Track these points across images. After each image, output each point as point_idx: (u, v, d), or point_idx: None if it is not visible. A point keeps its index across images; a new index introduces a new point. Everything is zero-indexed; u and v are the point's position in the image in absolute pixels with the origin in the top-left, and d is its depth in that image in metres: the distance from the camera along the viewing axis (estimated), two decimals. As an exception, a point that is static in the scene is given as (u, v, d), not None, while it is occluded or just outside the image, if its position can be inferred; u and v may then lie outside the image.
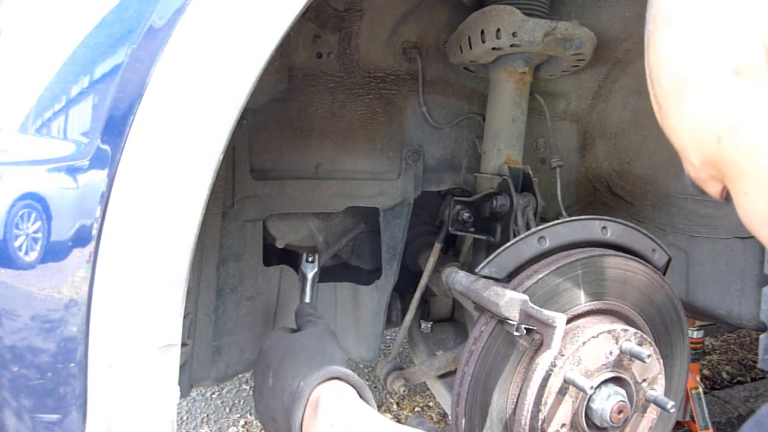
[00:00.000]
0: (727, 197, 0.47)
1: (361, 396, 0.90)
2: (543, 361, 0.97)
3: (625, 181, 1.82)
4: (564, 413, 0.97)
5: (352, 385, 0.91)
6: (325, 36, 1.41)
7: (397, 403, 3.16)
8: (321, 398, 0.86)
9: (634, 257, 1.11)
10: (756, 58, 0.37)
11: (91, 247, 0.65)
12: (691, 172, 0.49)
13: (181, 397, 1.42)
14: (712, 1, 0.40)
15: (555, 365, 0.96)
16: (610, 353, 0.98)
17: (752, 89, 0.38)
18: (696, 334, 2.71)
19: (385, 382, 1.62)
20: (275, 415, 0.93)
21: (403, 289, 1.77)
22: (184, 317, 1.03)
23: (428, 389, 2.95)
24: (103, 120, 0.67)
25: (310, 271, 1.31)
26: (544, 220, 1.42)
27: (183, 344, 1.32)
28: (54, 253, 0.66)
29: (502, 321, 0.98)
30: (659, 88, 0.47)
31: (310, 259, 1.32)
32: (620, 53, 1.55)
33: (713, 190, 0.48)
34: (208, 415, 3.03)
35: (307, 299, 1.30)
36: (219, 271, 1.40)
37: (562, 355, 0.96)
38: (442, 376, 1.62)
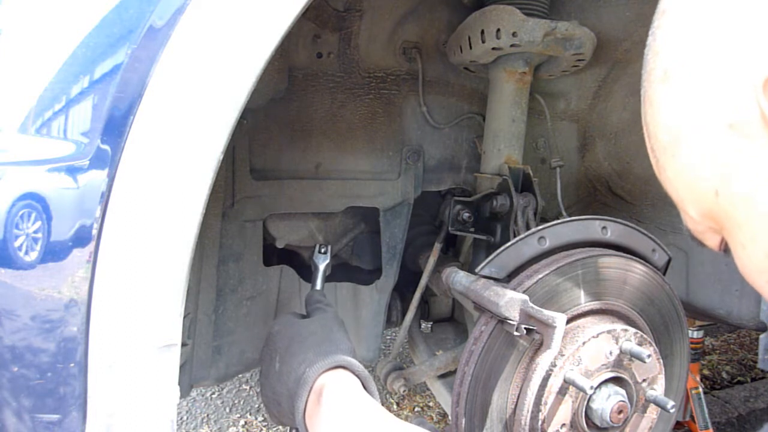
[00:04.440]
0: (725, 249, 0.47)
1: (365, 387, 0.90)
2: (543, 361, 0.97)
3: (625, 181, 1.82)
4: (564, 413, 0.97)
5: (357, 376, 0.91)
6: (325, 36, 1.41)
7: (397, 403, 3.16)
8: (325, 386, 0.86)
9: (634, 257, 1.11)
10: (749, 114, 0.39)
11: (91, 247, 0.65)
12: (690, 225, 0.50)
13: (181, 397, 1.42)
14: (706, 60, 0.41)
15: (555, 365, 0.96)
16: (610, 353, 0.98)
17: (746, 143, 0.39)
18: (696, 334, 2.71)
19: (385, 382, 1.62)
20: (280, 400, 0.94)
21: (403, 289, 1.77)
22: (184, 317, 1.03)
23: (428, 389, 2.95)
24: (103, 120, 0.67)
25: (322, 262, 1.32)
26: (544, 220, 1.43)
27: (183, 344, 1.32)
28: (54, 253, 0.66)
29: (502, 321, 0.98)
30: (656, 143, 0.48)
31: (322, 250, 1.33)
32: (620, 53, 1.55)
33: (712, 242, 0.49)
34: (208, 415, 3.03)
35: (318, 287, 1.30)
36: (219, 271, 1.40)
37: (562, 355, 0.96)
38: (442, 376, 1.62)
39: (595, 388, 0.96)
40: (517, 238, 1.08)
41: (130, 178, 0.67)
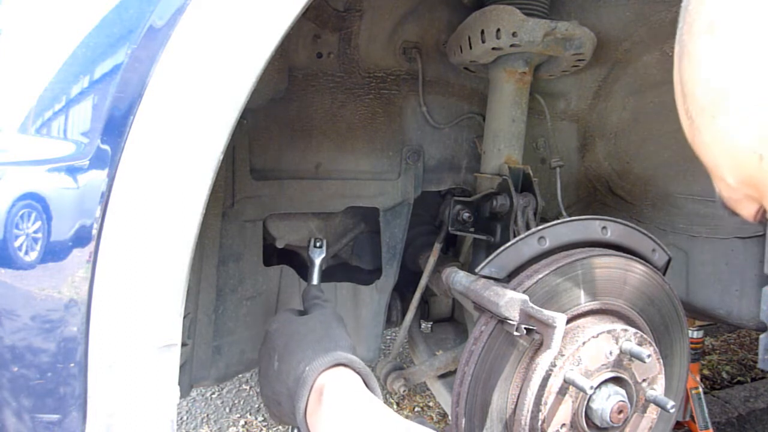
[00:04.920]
0: (762, 219, 0.45)
1: (366, 384, 0.89)
2: (543, 361, 0.97)
3: (625, 181, 1.82)
4: (564, 413, 0.97)
5: (357, 373, 0.90)
6: (325, 36, 1.41)
7: (397, 403, 3.16)
8: (326, 385, 0.85)
9: (634, 257, 1.11)
10: None
11: (91, 247, 0.65)
12: (724, 192, 0.46)
13: (181, 397, 1.42)
14: (761, 9, 0.37)
15: (555, 365, 0.96)
16: (610, 353, 0.98)
17: None
18: (696, 334, 2.71)
19: (385, 382, 1.62)
20: (280, 399, 0.93)
21: (403, 289, 1.77)
22: (184, 317, 1.03)
23: (428, 389, 2.95)
24: (103, 120, 0.67)
25: (318, 256, 1.32)
26: (544, 220, 1.43)
27: (183, 344, 1.31)
28: (54, 253, 0.66)
29: (502, 321, 0.98)
30: (693, 102, 0.44)
31: (317, 244, 1.33)
32: (620, 53, 1.55)
33: (747, 211, 0.46)
34: (208, 415, 3.03)
35: (315, 282, 1.30)
36: (219, 271, 1.40)
37: (562, 355, 0.96)
38: (442, 376, 1.62)
39: (595, 388, 0.96)
40: (517, 238, 1.08)
41: (130, 178, 0.67)
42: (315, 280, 1.31)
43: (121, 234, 0.66)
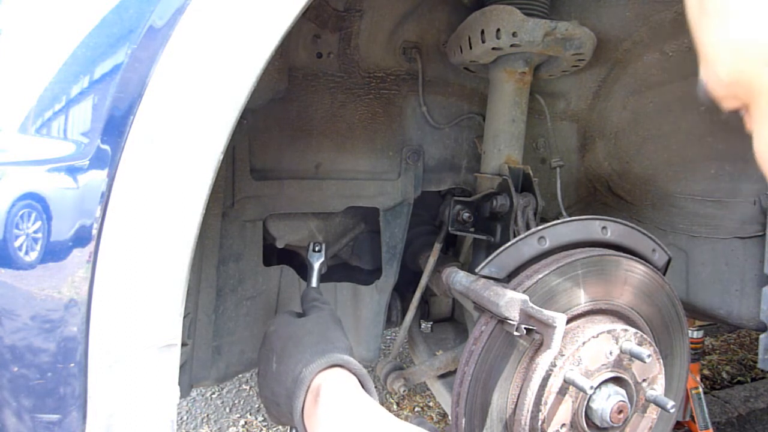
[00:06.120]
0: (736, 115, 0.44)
1: (363, 385, 0.90)
2: (543, 361, 0.97)
3: (625, 181, 1.82)
4: (564, 413, 0.97)
5: (354, 374, 0.91)
6: (325, 36, 1.41)
7: (397, 403, 3.16)
8: (322, 386, 0.86)
9: (634, 257, 1.11)
10: None
11: (91, 247, 0.65)
12: (710, 83, 0.45)
13: (181, 397, 1.42)
14: None
15: (555, 365, 0.96)
16: (610, 353, 0.98)
17: None
18: (696, 334, 2.71)
19: (385, 382, 1.62)
20: (278, 400, 0.94)
21: (403, 289, 1.77)
22: (184, 317, 1.03)
23: (428, 389, 2.95)
24: (103, 120, 0.67)
25: (317, 261, 1.32)
26: (544, 220, 1.43)
27: (183, 344, 1.32)
28: (54, 253, 0.66)
29: (502, 321, 0.98)
30: None
31: (316, 248, 1.33)
32: (620, 53, 1.55)
33: (727, 105, 0.45)
34: (208, 415, 3.03)
35: (314, 285, 1.30)
36: (219, 271, 1.40)
37: (562, 355, 0.96)
38: (442, 376, 1.62)
39: (595, 388, 0.96)
40: (517, 238, 1.08)
41: (130, 178, 0.67)
42: (314, 283, 1.31)
43: (121, 234, 0.66)
